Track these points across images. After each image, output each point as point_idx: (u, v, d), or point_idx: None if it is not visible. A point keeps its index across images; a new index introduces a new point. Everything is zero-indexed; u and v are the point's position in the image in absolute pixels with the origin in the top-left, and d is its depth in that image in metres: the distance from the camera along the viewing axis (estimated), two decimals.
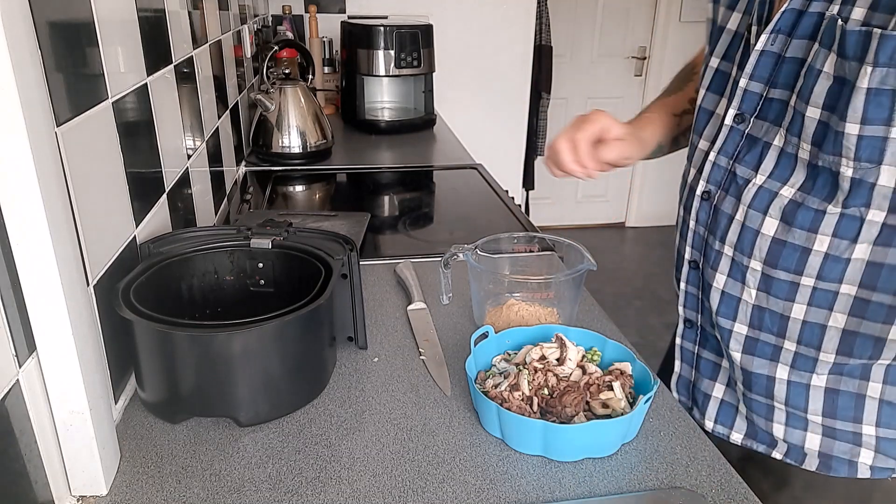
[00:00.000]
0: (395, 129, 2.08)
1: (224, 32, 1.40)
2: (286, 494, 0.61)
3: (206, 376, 0.67)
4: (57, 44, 0.59)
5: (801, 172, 0.64)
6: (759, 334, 0.72)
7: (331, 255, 0.79)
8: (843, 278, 0.64)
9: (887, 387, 0.68)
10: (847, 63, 0.57)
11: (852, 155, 0.59)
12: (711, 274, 0.74)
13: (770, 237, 0.67)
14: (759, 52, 0.66)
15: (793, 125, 0.64)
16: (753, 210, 0.68)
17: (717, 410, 0.80)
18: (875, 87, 0.56)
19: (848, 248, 0.63)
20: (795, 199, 0.65)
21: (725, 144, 0.71)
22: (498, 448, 0.68)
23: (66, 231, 0.54)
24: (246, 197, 1.49)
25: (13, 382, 0.51)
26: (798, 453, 0.74)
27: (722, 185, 0.72)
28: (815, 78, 0.60)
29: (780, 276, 0.68)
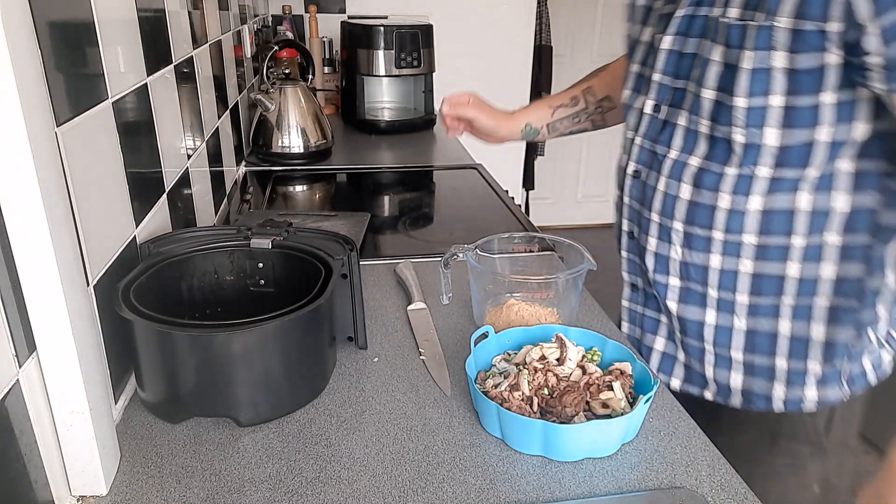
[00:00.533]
0: (395, 129, 2.08)
1: (224, 32, 1.40)
2: (286, 494, 0.61)
3: (206, 376, 0.67)
4: (57, 44, 0.59)
5: (703, 144, 0.77)
6: (688, 284, 0.83)
7: (331, 255, 0.79)
8: (743, 229, 0.76)
9: (794, 323, 0.79)
10: (732, 51, 0.71)
11: (742, 123, 0.71)
12: (645, 239, 0.87)
13: (686, 200, 0.80)
14: (665, 50, 0.80)
15: (693, 106, 0.77)
16: (671, 179, 0.81)
17: (660, 361, 0.91)
18: (755, 67, 0.69)
19: (745, 201, 0.75)
20: (701, 166, 0.78)
21: (647, 130, 0.85)
22: (498, 448, 0.68)
23: (66, 231, 0.54)
24: (246, 197, 1.49)
25: (13, 382, 0.51)
26: (725, 392, 0.86)
27: (647, 163, 0.85)
28: (707, 66, 0.74)
29: (697, 233, 0.80)
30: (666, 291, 0.85)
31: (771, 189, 0.74)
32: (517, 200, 2.70)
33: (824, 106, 0.68)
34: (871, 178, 0.71)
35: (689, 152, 0.78)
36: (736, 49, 0.70)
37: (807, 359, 0.79)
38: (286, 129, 1.67)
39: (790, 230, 0.74)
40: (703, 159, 0.77)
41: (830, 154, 0.70)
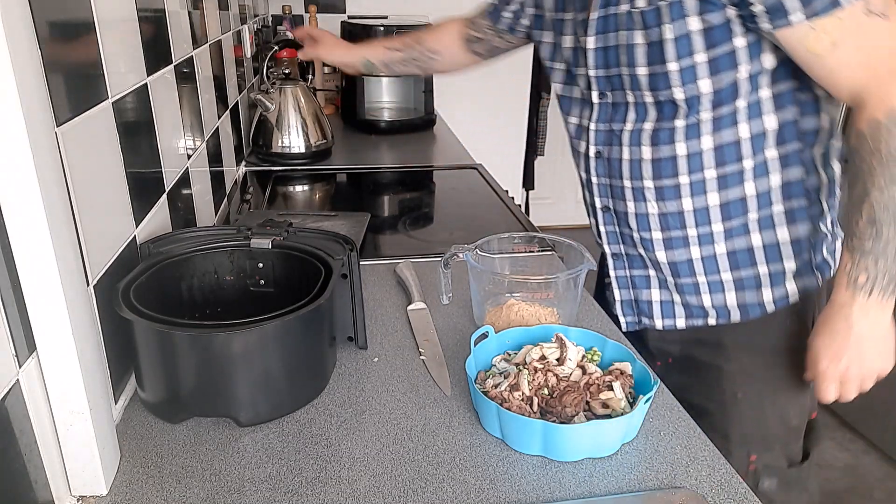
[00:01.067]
0: (395, 129, 2.08)
1: (224, 32, 1.40)
2: (286, 494, 0.61)
3: (206, 376, 0.67)
4: (57, 44, 0.59)
5: (652, 110, 0.88)
6: (669, 233, 0.93)
7: (331, 255, 0.79)
8: (703, 167, 0.88)
9: (763, 233, 0.90)
10: (652, 30, 0.83)
11: (679, 83, 0.83)
12: (624, 205, 0.96)
13: (649, 160, 0.90)
14: (592, 49, 0.91)
15: (634, 85, 0.88)
16: (633, 147, 0.91)
17: (661, 310, 0.99)
18: (676, 35, 0.81)
19: (698, 144, 0.87)
20: (655, 127, 0.89)
21: (599, 115, 0.95)
22: (498, 448, 0.68)
23: (66, 231, 0.54)
24: (246, 197, 1.49)
25: (13, 382, 0.51)
26: (724, 312, 0.95)
27: (607, 142, 0.95)
28: (634, 50, 0.85)
29: (665, 184, 0.90)
30: (653, 245, 0.95)
31: (715, 128, 0.86)
32: (517, 200, 2.70)
33: (738, 50, 0.81)
34: (786, 95, 0.84)
35: (643, 120, 0.90)
36: (655, 28, 0.82)
37: (781, 260, 0.91)
38: (286, 128, 1.67)
39: (739, 156, 0.86)
40: (656, 122, 0.88)
41: (752, 86, 0.83)
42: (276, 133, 1.67)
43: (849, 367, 0.82)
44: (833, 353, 0.82)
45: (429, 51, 1.30)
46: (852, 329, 0.79)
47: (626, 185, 0.94)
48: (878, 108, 0.74)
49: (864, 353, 0.81)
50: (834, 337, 0.82)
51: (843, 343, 0.81)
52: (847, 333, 0.80)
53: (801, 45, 0.76)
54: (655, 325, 1.00)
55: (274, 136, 1.67)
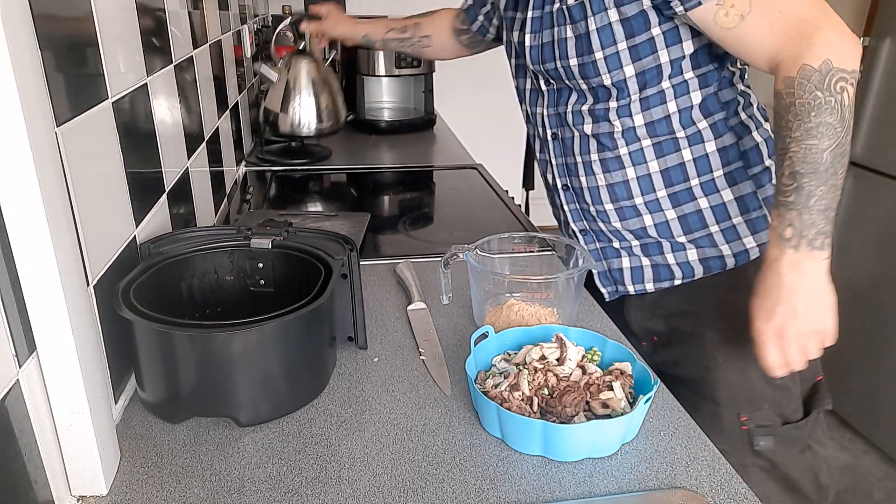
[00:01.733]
0: (395, 129, 2.08)
1: (224, 32, 1.40)
2: (286, 494, 0.61)
3: (206, 376, 0.67)
4: (57, 44, 0.59)
5: (588, 94, 0.96)
6: (619, 203, 1.00)
7: (331, 255, 0.79)
8: (638, 138, 0.95)
9: (708, 197, 0.96)
10: (579, 24, 0.90)
11: (605, 70, 0.91)
12: (579, 181, 1.03)
13: (590, 135, 0.98)
14: (529, 46, 0.99)
15: (568, 74, 0.95)
16: (576, 126, 0.99)
17: (631, 275, 1.05)
18: (598, 26, 0.89)
19: (631, 121, 0.94)
20: (591, 108, 0.97)
21: (547, 101, 1.03)
22: (498, 448, 0.68)
23: (66, 231, 0.54)
24: (246, 197, 1.49)
25: (13, 382, 0.51)
26: (688, 269, 1.00)
27: (559, 125, 1.03)
28: (565, 43, 0.93)
29: (608, 156, 0.98)
30: (608, 216, 1.02)
31: (644, 107, 0.93)
32: (517, 200, 2.70)
33: (656, 37, 0.88)
34: (710, 74, 0.91)
35: (582, 103, 0.98)
36: (581, 21, 0.90)
37: (730, 218, 0.96)
38: (296, 105, 1.52)
39: (672, 129, 0.93)
40: (592, 104, 0.96)
41: (675, 69, 0.90)
42: (283, 113, 1.53)
43: (784, 324, 0.80)
44: (767, 310, 0.81)
45: (423, 35, 1.40)
46: (783, 284, 0.79)
47: (578, 161, 1.02)
48: (791, 67, 0.77)
49: (797, 309, 0.79)
50: (767, 294, 0.81)
51: (775, 299, 0.80)
52: (778, 289, 0.80)
53: (713, 21, 0.81)
54: (628, 290, 1.05)
55: (281, 116, 1.54)
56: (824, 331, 0.81)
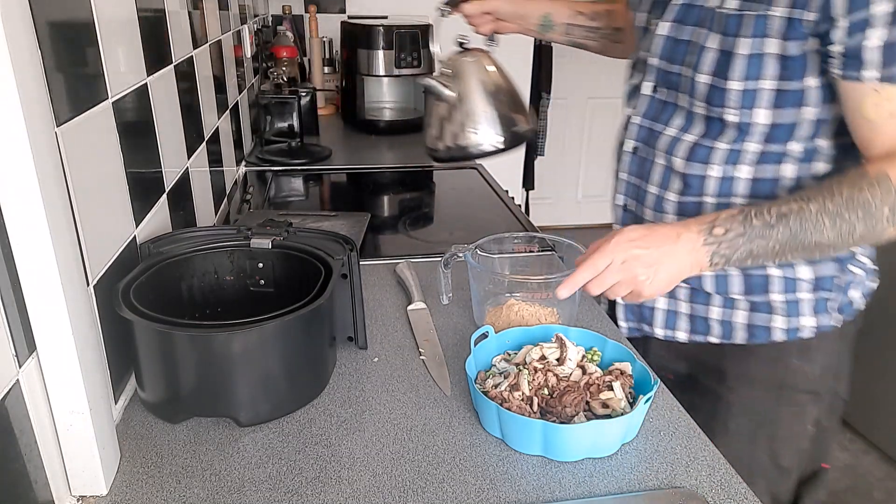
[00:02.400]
0: (395, 129, 2.08)
1: (224, 32, 1.40)
2: (286, 494, 0.61)
3: (206, 376, 0.67)
4: (57, 44, 0.59)
5: (699, 123, 0.84)
6: None
7: (331, 255, 0.79)
8: (732, 192, 0.84)
9: (783, 268, 0.86)
10: (728, 38, 0.78)
11: (734, 105, 0.79)
12: (643, 210, 0.93)
13: (680, 172, 0.86)
14: (662, 36, 0.86)
15: (690, 89, 0.83)
16: (668, 154, 0.87)
17: (665, 319, 0.96)
18: (750, 53, 0.76)
19: (734, 170, 0.83)
20: (697, 142, 0.85)
21: (646, 109, 0.91)
22: (498, 448, 0.68)
23: (66, 231, 0.54)
24: (246, 197, 1.49)
25: (13, 382, 0.51)
26: (728, 330, 0.91)
27: (646, 140, 0.91)
28: (703, 53, 0.80)
29: (688, 200, 0.87)
30: None
31: (759, 161, 0.82)
32: (517, 200, 2.70)
33: (810, 89, 0.76)
34: (848, 149, 0.79)
35: (686, 130, 0.86)
36: (732, 37, 0.77)
37: (797, 291, 0.87)
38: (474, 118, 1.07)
39: (773, 194, 0.82)
40: (699, 136, 0.84)
41: (814, 131, 0.79)
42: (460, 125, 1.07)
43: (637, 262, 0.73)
44: (638, 237, 0.74)
45: (615, 27, 1.13)
46: (670, 246, 0.73)
47: (650, 191, 0.91)
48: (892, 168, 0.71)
49: (657, 268, 0.73)
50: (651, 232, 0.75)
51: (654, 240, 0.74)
52: (664, 242, 0.73)
53: (858, 102, 0.72)
54: (656, 333, 0.96)
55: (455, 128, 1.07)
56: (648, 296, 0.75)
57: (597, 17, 1.13)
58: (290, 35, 2.20)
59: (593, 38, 1.15)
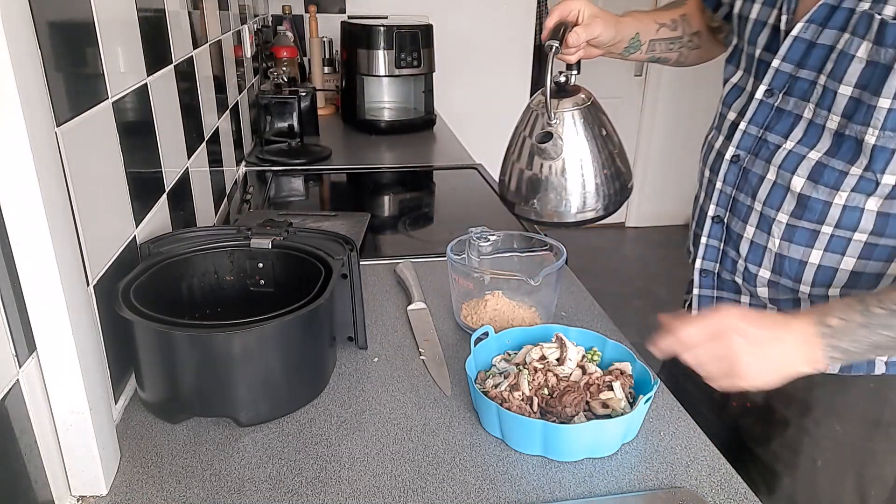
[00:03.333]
0: (395, 129, 2.08)
1: (224, 32, 1.40)
2: (286, 494, 0.61)
3: (206, 376, 0.67)
4: (57, 44, 0.59)
5: (827, 139, 0.75)
6: (779, 279, 0.82)
7: (331, 255, 0.79)
8: (857, 227, 0.75)
9: None
10: (884, 50, 0.68)
11: (880, 125, 0.70)
12: (741, 226, 0.84)
13: (797, 193, 0.77)
14: (794, 37, 0.76)
15: (823, 100, 0.74)
16: (783, 170, 0.78)
17: None
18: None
19: (863, 201, 0.74)
20: (822, 161, 0.75)
21: (755, 115, 0.82)
22: (498, 448, 0.68)
23: (66, 231, 0.54)
24: (246, 197, 1.49)
25: (13, 382, 0.51)
26: None
27: (752, 150, 0.82)
28: (848, 61, 0.71)
29: (804, 226, 0.78)
30: (755, 281, 0.84)
31: (892, 194, 0.73)
32: None
33: None
34: None
35: (810, 146, 0.76)
36: (889, 49, 0.67)
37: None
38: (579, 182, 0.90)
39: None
40: (825, 154, 0.75)
41: None
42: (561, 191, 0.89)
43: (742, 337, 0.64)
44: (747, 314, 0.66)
45: (692, 32, 1.02)
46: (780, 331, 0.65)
47: (755, 208, 0.82)
48: None
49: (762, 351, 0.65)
50: (761, 315, 0.68)
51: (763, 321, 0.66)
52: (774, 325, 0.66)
53: None
54: None
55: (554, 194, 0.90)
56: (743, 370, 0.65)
57: (677, 25, 1.02)
58: (290, 35, 2.20)
59: (674, 49, 1.03)
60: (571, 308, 0.96)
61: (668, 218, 4.00)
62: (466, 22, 2.84)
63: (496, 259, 0.96)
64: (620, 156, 0.92)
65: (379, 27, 1.97)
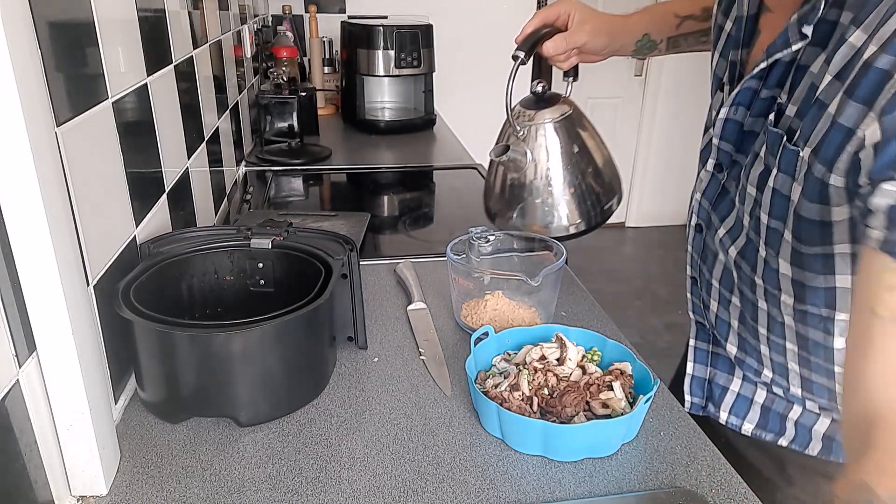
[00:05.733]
0: (395, 129, 2.08)
1: (224, 32, 1.40)
2: (286, 494, 0.61)
3: (206, 376, 0.67)
4: (57, 44, 0.59)
5: (743, 237, 0.69)
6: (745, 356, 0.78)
7: (331, 255, 0.79)
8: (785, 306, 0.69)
9: None
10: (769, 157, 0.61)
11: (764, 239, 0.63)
12: (705, 297, 0.81)
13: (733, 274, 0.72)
14: (724, 119, 0.69)
15: (741, 194, 0.68)
16: (722, 254, 0.73)
17: (733, 403, 0.84)
18: (777, 187, 0.60)
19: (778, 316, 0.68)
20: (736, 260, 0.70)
21: (707, 189, 0.76)
22: (498, 448, 0.68)
23: (66, 231, 0.54)
24: (246, 197, 1.49)
25: (13, 382, 0.51)
26: (804, 437, 0.77)
27: (707, 223, 0.78)
28: (754, 158, 0.64)
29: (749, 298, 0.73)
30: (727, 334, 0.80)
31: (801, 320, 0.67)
32: None
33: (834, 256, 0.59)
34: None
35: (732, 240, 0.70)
36: (772, 156, 0.60)
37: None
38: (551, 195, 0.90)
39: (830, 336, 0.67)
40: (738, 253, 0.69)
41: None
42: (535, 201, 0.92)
43: None
44: None
45: None
46: None
47: (714, 284, 0.78)
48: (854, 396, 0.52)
49: None
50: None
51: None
52: None
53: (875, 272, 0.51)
54: (720, 416, 0.85)
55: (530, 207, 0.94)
56: None
57: (709, 13, 0.87)
58: (290, 35, 2.20)
59: (707, 42, 0.87)
60: (571, 308, 0.96)
61: (668, 218, 4.00)
62: (466, 22, 2.84)
63: (496, 259, 0.96)
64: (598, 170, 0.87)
65: (379, 27, 1.97)
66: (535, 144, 0.83)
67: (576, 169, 0.86)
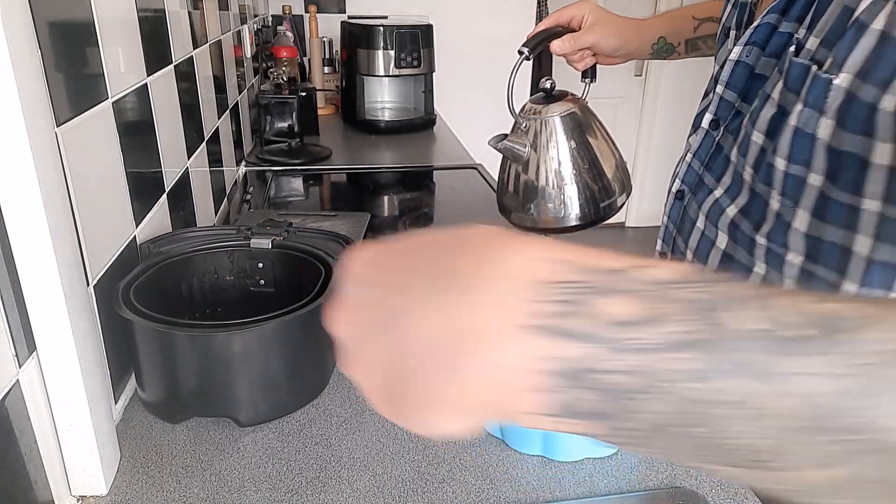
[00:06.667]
0: (395, 129, 2.08)
1: (224, 32, 1.40)
2: (286, 494, 0.61)
3: (206, 376, 0.67)
4: (57, 44, 0.59)
5: (745, 194, 0.64)
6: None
7: (331, 255, 0.79)
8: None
9: None
10: (789, 94, 0.56)
11: (779, 189, 0.58)
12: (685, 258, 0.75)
13: (721, 250, 0.67)
14: (734, 62, 0.65)
15: (742, 145, 0.63)
16: (709, 221, 0.68)
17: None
18: (800, 126, 0.54)
19: (778, 280, 0.62)
20: (735, 220, 0.65)
21: (700, 149, 0.71)
22: (498, 448, 0.68)
23: (66, 231, 0.54)
24: (246, 197, 1.49)
25: (13, 382, 0.51)
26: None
27: (693, 187, 0.72)
28: (763, 101, 0.59)
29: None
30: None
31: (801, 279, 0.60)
32: None
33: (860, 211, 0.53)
34: None
35: (731, 198, 0.65)
36: (792, 93, 0.55)
37: None
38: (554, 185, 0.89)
39: None
40: (739, 212, 0.64)
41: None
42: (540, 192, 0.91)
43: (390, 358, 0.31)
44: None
45: None
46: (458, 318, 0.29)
47: (688, 256, 0.73)
48: None
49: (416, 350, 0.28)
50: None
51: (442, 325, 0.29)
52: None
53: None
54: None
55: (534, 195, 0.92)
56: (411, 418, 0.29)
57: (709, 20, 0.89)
58: (290, 35, 2.20)
59: None
60: None
61: None
62: (466, 22, 2.84)
63: None
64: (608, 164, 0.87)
65: (379, 27, 1.97)
66: (542, 137, 0.85)
67: (584, 161, 0.86)
